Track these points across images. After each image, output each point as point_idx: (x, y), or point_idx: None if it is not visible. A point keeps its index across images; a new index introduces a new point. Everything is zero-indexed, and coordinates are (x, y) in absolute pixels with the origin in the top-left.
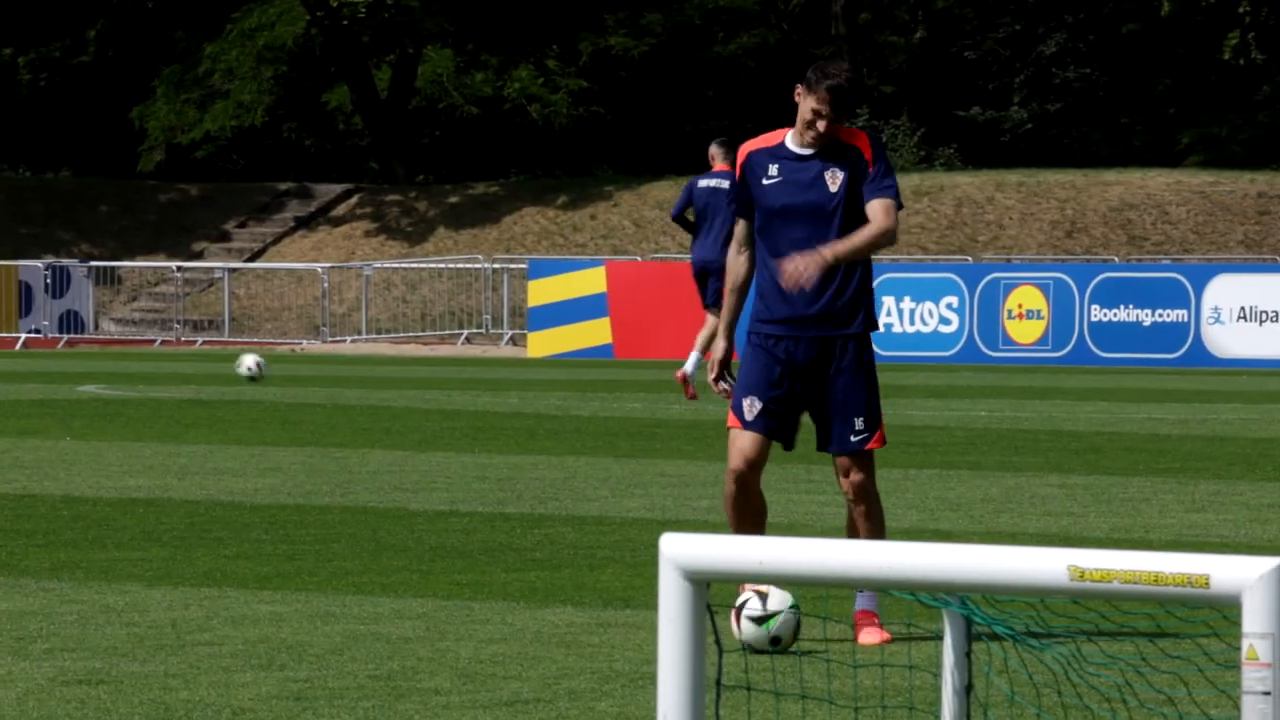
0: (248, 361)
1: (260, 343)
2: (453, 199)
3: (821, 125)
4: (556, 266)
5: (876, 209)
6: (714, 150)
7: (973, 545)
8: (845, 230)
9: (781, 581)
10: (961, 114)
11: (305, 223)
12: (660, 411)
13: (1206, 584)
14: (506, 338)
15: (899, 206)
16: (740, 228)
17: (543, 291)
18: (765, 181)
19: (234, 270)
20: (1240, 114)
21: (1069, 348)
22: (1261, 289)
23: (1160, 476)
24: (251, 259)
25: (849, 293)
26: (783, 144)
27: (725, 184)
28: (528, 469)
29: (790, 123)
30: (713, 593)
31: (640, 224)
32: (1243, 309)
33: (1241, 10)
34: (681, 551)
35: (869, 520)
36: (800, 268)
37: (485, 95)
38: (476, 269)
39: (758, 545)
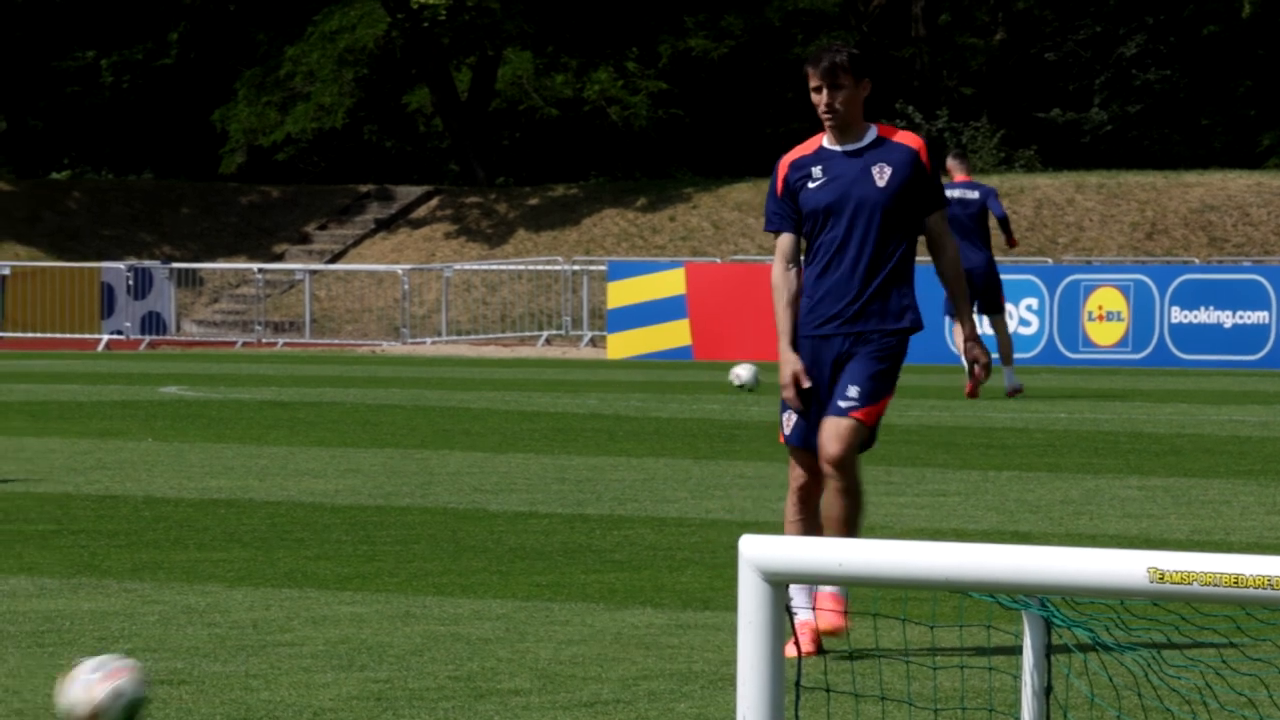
0: (743, 375)
1: (341, 344)
2: (532, 201)
3: (823, 99)
4: (636, 268)
5: (941, 226)
6: (952, 163)
7: (1052, 547)
8: (890, 227)
9: (860, 582)
10: (1041, 115)
11: (385, 224)
12: (740, 413)
13: None
14: (586, 339)
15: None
16: (785, 242)
17: (622, 293)
18: (810, 185)
19: (315, 272)
20: None
21: (1149, 349)
22: None
23: (1241, 478)
24: (332, 261)
25: (872, 288)
26: (821, 146)
27: (973, 194)
28: (607, 470)
29: (866, 117)
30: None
31: (719, 226)
32: None
33: None
34: (761, 553)
35: (839, 497)
36: (984, 361)
37: (565, 97)
38: (556, 270)
39: (837, 547)
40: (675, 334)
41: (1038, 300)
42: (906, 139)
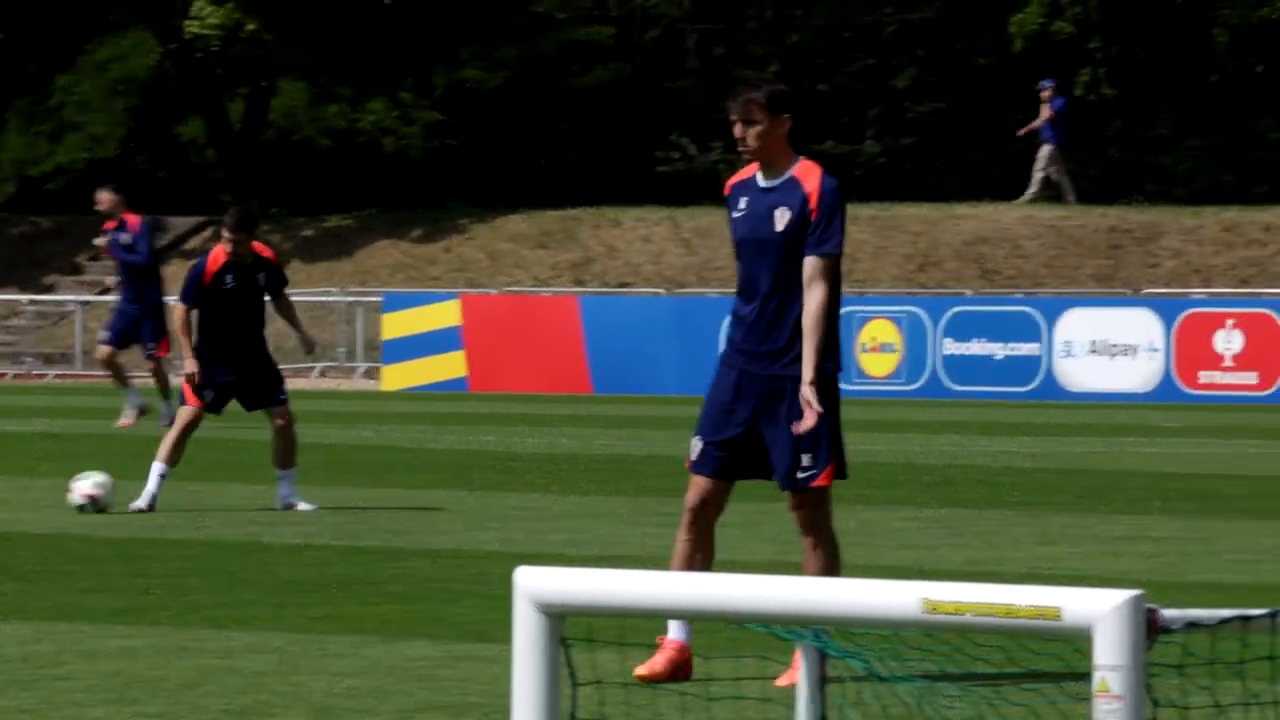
0: (83, 488)
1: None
2: (306, 232)
3: (739, 133)
4: (411, 299)
5: (812, 271)
6: (109, 197)
7: (827, 579)
8: (792, 271)
9: (636, 614)
10: (815, 147)
11: (158, 255)
12: (514, 445)
13: (1058, 616)
14: (361, 371)
15: (838, 254)
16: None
17: (397, 324)
18: (735, 214)
19: (86, 303)
20: (1091, 149)
21: (922, 381)
22: (1112, 323)
23: (1013, 509)
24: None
25: (788, 333)
26: (754, 176)
27: (125, 236)
28: (382, 502)
29: (642, 150)
30: (568, 626)
31: (495, 257)
32: (1094, 343)
33: (1093, 46)
34: (536, 585)
35: (815, 553)
36: (808, 421)
37: (339, 128)
38: (331, 302)
39: (612, 578)
40: (451, 365)
41: None
42: (808, 181)
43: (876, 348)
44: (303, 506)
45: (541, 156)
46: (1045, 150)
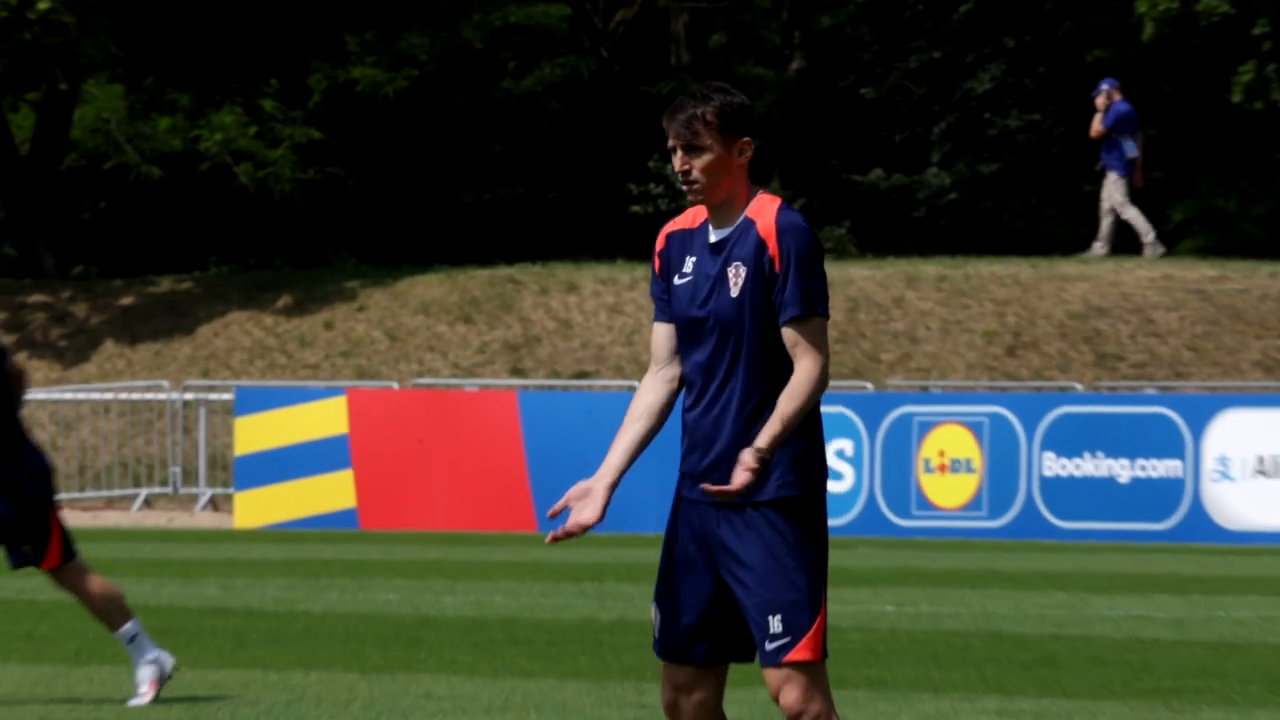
0: None
1: None
2: (124, 299)
3: (681, 164)
4: (276, 397)
5: (795, 344)
6: None
7: None
8: (762, 353)
9: None
10: (858, 179)
11: None
12: (426, 605)
13: None
14: (204, 500)
15: (825, 313)
16: (655, 335)
17: (256, 433)
18: (678, 280)
19: None
20: (1257, 180)
21: (1012, 514)
22: None
23: (1145, 700)
24: None
25: (736, 435)
26: (704, 225)
27: None
28: (234, 689)
29: (608, 182)
30: None
31: (397, 336)
32: (1260, 460)
33: (1259, 33)
34: None
35: None
36: (736, 481)
37: (172, 150)
38: (160, 400)
39: None
40: (333, 491)
41: (853, 443)
42: (762, 219)
43: (946, 466)
44: (136, 698)
45: (464, 191)
46: (1111, 180)
